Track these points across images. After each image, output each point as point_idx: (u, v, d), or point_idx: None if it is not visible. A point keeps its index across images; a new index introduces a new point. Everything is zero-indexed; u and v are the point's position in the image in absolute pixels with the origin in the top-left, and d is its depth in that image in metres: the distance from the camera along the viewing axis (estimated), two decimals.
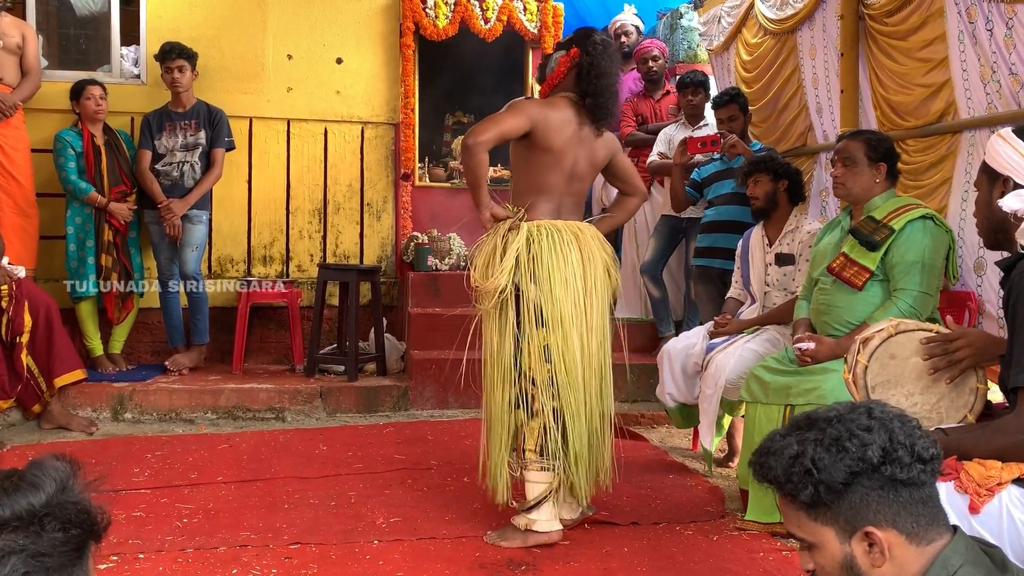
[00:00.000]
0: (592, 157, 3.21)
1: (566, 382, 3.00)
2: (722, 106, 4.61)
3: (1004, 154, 2.05)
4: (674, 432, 4.64)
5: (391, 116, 6.00)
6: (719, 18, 5.61)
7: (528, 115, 3.07)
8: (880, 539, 1.31)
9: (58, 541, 0.96)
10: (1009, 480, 1.85)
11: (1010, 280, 1.98)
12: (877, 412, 1.37)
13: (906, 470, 1.31)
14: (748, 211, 4.29)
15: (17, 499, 0.96)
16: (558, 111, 3.13)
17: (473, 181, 3.10)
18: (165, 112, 5.26)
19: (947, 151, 3.66)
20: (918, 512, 1.33)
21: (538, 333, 3.00)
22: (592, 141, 3.20)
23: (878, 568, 1.33)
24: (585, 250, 3.08)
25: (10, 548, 0.93)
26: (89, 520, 1.01)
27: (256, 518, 3.20)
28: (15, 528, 0.95)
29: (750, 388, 3.28)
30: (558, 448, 2.98)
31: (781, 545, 3.01)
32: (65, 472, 1.01)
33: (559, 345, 2.99)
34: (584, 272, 3.05)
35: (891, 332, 2.25)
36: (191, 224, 5.20)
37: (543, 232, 3.05)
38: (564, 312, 3.00)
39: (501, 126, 3.05)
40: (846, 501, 1.33)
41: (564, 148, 3.11)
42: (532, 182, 3.15)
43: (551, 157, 3.11)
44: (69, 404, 4.64)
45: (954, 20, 3.49)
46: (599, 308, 3.10)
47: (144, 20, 5.63)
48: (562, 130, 3.11)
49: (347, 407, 4.97)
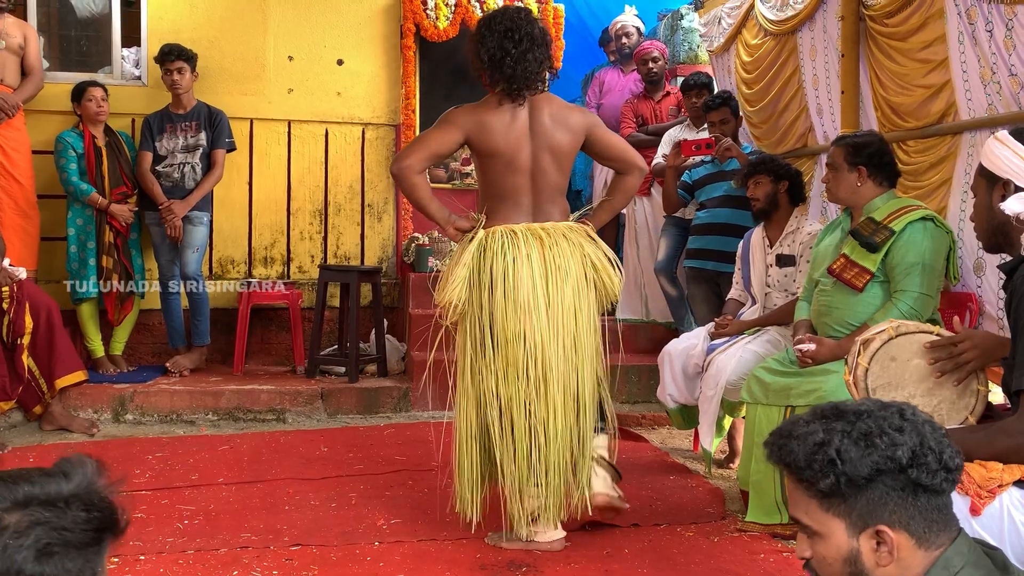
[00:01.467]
0: (552, 145, 2.96)
1: (525, 397, 2.83)
2: (714, 109, 4.63)
3: (1003, 157, 2.04)
4: (675, 433, 4.64)
5: (392, 117, 6.00)
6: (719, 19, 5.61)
7: (457, 125, 2.93)
8: (891, 539, 1.31)
9: (80, 519, 1.01)
10: (1010, 482, 1.85)
11: (1012, 283, 1.98)
12: (909, 414, 1.36)
13: (931, 476, 1.31)
14: (740, 214, 4.30)
15: (47, 484, 1.02)
16: (493, 111, 2.94)
17: (417, 205, 3.00)
18: (166, 114, 5.26)
19: (947, 152, 3.66)
20: (932, 518, 1.32)
21: (493, 348, 2.84)
22: (547, 128, 2.95)
23: (883, 568, 1.32)
24: (550, 253, 2.87)
25: (35, 520, 0.99)
26: (111, 509, 1.05)
27: (257, 519, 3.20)
28: (41, 504, 1.00)
29: (751, 389, 3.28)
30: (539, 465, 2.85)
31: (782, 546, 3.01)
32: (92, 470, 1.06)
33: (517, 360, 2.82)
34: (547, 277, 2.85)
35: (892, 334, 2.25)
36: (192, 225, 5.21)
37: (495, 238, 2.89)
38: (517, 324, 2.82)
39: (428, 144, 2.94)
40: (864, 496, 1.32)
41: (511, 147, 2.92)
42: (489, 187, 2.99)
43: (500, 160, 2.94)
44: (70, 405, 4.64)
45: (954, 21, 3.49)
46: (566, 317, 2.87)
47: (145, 21, 5.64)
48: (502, 129, 2.92)
49: (348, 408, 4.97)
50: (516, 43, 2.91)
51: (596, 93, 6.44)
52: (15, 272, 4.21)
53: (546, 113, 2.97)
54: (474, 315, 2.90)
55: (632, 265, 5.83)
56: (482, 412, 2.91)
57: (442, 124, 2.97)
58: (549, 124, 2.96)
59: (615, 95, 6.29)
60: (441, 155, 3.02)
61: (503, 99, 2.96)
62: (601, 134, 3.06)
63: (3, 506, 0.99)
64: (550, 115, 2.98)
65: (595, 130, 3.05)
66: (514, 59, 2.89)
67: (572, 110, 3.07)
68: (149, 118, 5.26)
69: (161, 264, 5.26)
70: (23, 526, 0.98)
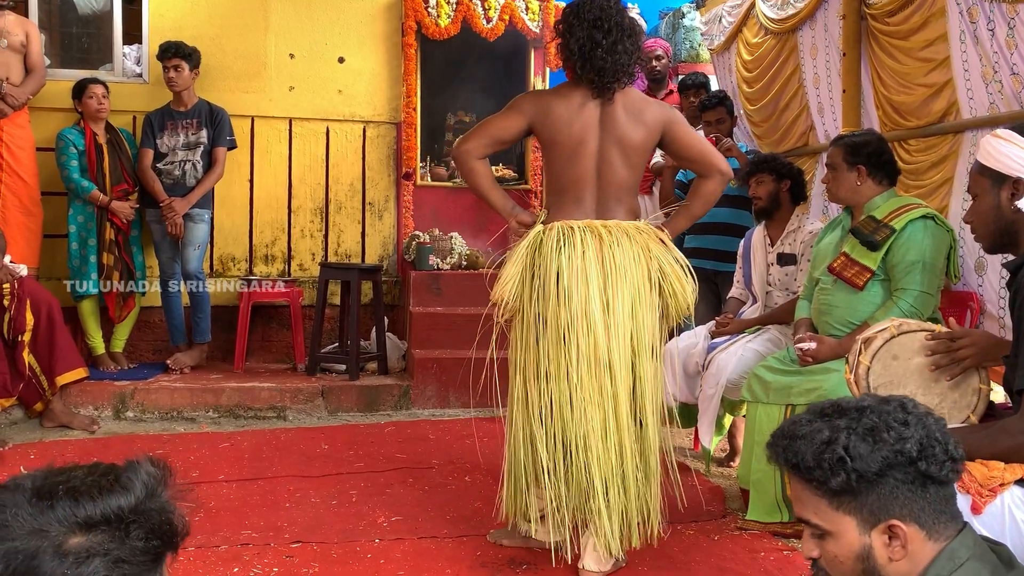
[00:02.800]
0: (622, 138, 2.77)
1: (566, 404, 2.64)
2: (710, 108, 4.63)
3: (1010, 154, 1.99)
4: (675, 431, 4.64)
5: (393, 115, 6.00)
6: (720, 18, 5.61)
7: (522, 111, 2.80)
8: (904, 533, 1.31)
9: (139, 550, 1.00)
10: (1012, 481, 1.85)
11: (1017, 281, 1.97)
12: (911, 407, 1.36)
13: (939, 467, 1.31)
14: (737, 213, 4.30)
15: (108, 500, 1.00)
16: (562, 98, 2.78)
17: (476, 190, 2.87)
18: (167, 111, 5.26)
19: (948, 151, 3.66)
20: (940, 509, 1.33)
21: (537, 348, 2.69)
22: (619, 120, 2.77)
23: (896, 562, 1.32)
24: (609, 251, 2.68)
25: (95, 550, 0.97)
26: (171, 531, 1.04)
27: (257, 517, 3.20)
28: (103, 530, 0.98)
29: (751, 388, 3.28)
30: (551, 472, 2.66)
31: (782, 545, 3.01)
32: (157, 478, 1.06)
33: (561, 363, 2.64)
34: (604, 276, 2.66)
35: (893, 332, 2.24)
36: (193, 223, 5.21)
37: (552, 234, 2.73)
38: (571, 324, 2.63)
39: (489, 129, 2.81)
40: (875, 492, 1.31)
41: (574, 137, 2.75)
42: (553, 180, 2.85)
43: (563, 150, 2.77)
44: (71, 402, 4.64)
45: (956, 20, 3.49)
46: (624, 323, 2.66)
47: (146, 19, 5.64)
48: (568, 118, 2.75)
49: (348, 406, 4.97)
50: (606, 33, 2.73)
51: None
52: (16, 269, 4.21)
53: (620, 104, 2.78)
54: (526, 313, 2.75)
55: None
56: (532, 413, 2.72)
57: (507, 109, 2.84)
58: (622, 116, 2.78)
59: None
60: (504, 140, 2.86)
61: (577, 87, 2.79)
62: (681, 131, 2.86)
63: (67, 526, 0.97)
64: (624, 106, 2.79)
65: (674, 126, 2.84)
66: (605, 50, 2.71)
67: (650, 103, 2.87)
68: (150, 115, 5.26)
69: (162, 261, 5.27)
70: (83, 555, 0.96)
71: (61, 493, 0.99)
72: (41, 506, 0.97)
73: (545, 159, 2.92)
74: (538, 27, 6.07)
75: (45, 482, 1.01)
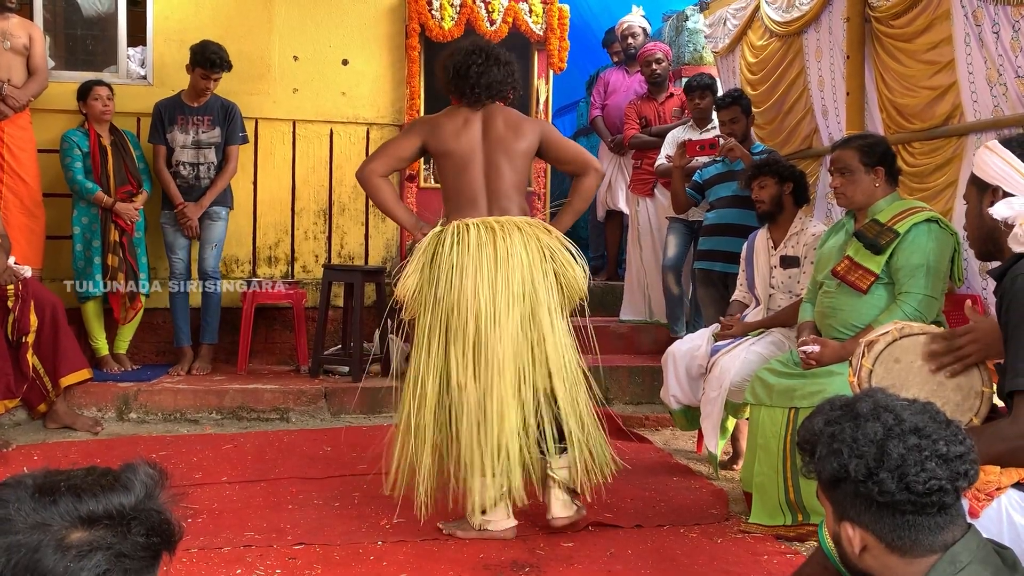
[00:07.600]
0: (505, 147, 3.14)
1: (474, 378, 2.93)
2: (725, 108, 4.61)
3: (992, 164, 2.04)
4: (679, 434, 4.64)
5: (396, 117, 6.00)
6: (724, 20, 5.61)
7: (417, 133, 3.19)
8: (860, 536, 1.39)
9: (139, 545, 1.02)
10: (1008, 484, 1.84)
11: (1002, 287, 1.98)
12: (897, 429, 1.37)
13: (886, 496, 1.34)
14: (748, 214, 4.29)
15: (111, 497, 1.02)
16: (449, 118, 3.19)
17: (382, 207, 3.23)
18: (178, 103, 5.21)
19: (953, 154, 3.66)
20: (900, 534, 1.36)
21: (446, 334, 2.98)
22: (499, 131, 3.15)
23: (860, 556, 1.41)
24: (503, 243, 2.99)
25: (98, 544, 0.99)
26: (169, 530, 1.06)
27: (260, 518, 3.21)
28: (105, 525, 1.00)
29: (754, 391, 3.27)
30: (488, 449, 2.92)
31: (785, 548, 3.00)
32: (154, 479, 1.07)
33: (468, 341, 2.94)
34: (497, 263, 2.96)
35: (896, 336, 2.24)
36: (211, 221, 5.22)
37: (450, 230, 3.05)
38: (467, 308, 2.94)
39: (389, 150, 3.19)
40: (838, 491, 1.42)
41: (462, 148, 3.13)
42: (449, 189, 3.18)
43: (455, 160, 3.13)
44: (74, 404, 4.65)
45: (960, 23, 3.49)
46: (517, 304, 2.96)
47: (151, 21, 5.64)
48: (455, 133, 3.14)
49: (351, 408, 4.97)
50: (481, 58, 3.16)
51: (601, 94, 6.45)
52: (20, 270, 4.22)
53: (500, 120, 3.18)
54: (428, 305, 3.03)
55: (635, 266, 5.83)
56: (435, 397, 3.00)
57: (403, 132, 3.27)
58: (503, 128, 3.17)
59: (620, 96, 6.30)
60: (403, 159, 3.22)
61: (460, 108, 3.20)
62: (554, 140, 3.25)
63: (69, 520, 0.99)
64: (504, 121, 3.18)
65: (550, 134, 3.25)
66: (478, 70, 3.13)
67: (526, 118, 3.29)
68: (160, 106, 5.21)
69: (172, 262, 5.25)
70: (86, 549, 0.98)
71: (63, 490, 1.00)
72: (44, 501, 0.99)
73: (440, 172, 3.25)
74: (541, 29, 6.08)
75: (47, 480, 1.02)
